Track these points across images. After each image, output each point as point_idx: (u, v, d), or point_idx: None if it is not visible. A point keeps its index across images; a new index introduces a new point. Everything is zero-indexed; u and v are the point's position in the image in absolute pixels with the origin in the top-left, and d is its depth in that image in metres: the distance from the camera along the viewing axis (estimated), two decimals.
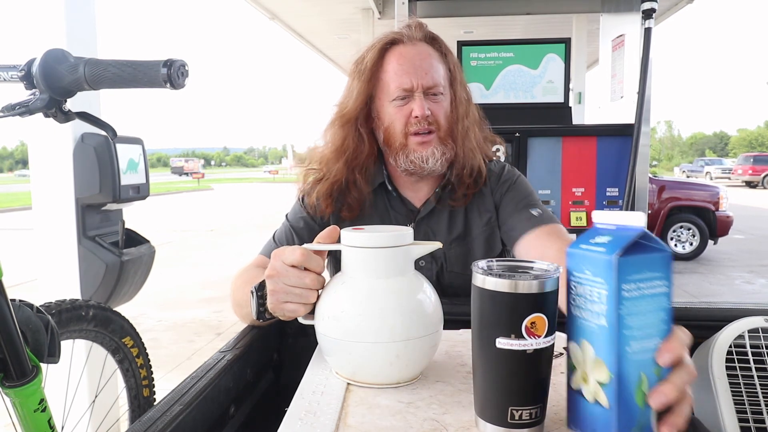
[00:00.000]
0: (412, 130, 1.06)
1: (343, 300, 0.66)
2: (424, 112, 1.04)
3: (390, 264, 0.66)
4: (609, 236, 0.49)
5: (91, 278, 1.86)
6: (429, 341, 0.66)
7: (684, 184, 7.41)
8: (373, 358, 0.64)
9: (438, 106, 1.07)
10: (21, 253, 5.64)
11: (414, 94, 1.05)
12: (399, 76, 1.05)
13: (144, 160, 2.03)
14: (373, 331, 0.63)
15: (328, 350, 0.68)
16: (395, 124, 1.07)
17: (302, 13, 6.50)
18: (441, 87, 1.07)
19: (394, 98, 1.06)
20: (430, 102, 1.06)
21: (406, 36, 1.09)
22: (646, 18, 2.32)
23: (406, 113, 1.06)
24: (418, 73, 1.04)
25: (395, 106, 1.07)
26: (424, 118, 1.05)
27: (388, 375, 0.65)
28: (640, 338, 0.47)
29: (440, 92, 1.07)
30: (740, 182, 25.22)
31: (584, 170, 2.42)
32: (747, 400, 0.74)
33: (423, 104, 1.04)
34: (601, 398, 0.48)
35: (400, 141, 1.07)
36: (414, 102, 1.05)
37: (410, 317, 0.64)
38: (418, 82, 1.04)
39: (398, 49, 1.08)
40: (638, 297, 0.47)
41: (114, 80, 0.85)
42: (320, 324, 0.68)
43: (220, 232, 10.38)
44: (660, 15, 4.97)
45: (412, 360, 0.65)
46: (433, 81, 1.05)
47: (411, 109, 1.05)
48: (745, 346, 0.77)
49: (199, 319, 4.46)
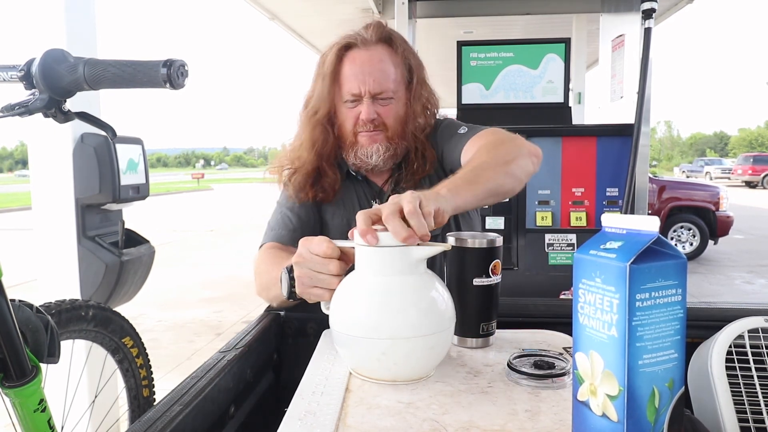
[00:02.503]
0: (359, 131, 1.14)
1: (348, 294, 0.70)
2: (370, 116, 1.11)
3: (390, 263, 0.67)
4: (620, 241, 0.47)
5: (91, 278, 1.86)
6: (444, 336, 0.67)
7: (684, 184, 7.42)
8: (366, 353, 0.66)
9: (387, 110, 1.13)
10: (21, 253, 5.64)
11: (362, 99, 1.11)
12: (349, 81, 1.12)
13: (144, 160, 2.03)
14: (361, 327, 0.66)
15: (335, 341, 0.71)
16: (346, 123, 1.15)
17: (302, 14, 6.49)
18: (390, 92, 1.12)
19: (345, 100, 1.13)
20: (379, 106, 1.12)
21: (361, 39, 1.13)
22: (646, 18, 2.32)
23: (355, 115, 1.13)
24: (366, 79, 1.10)
25: (346, 108, 1.14)
26: (370, 122, 1.12)
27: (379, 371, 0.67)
28: (653, 350, 0.45)
29: (389, 96, 1.13)
30: (740, 182, 25.21)
31: (584, 170, 2.42)
32: (747, 400, 0.74)
33: (370, 109, 1.11)
34: (610, 412, 0.46)
35: (350, 139, 1.15)
36: (362, 106, 1.12)
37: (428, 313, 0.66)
38: (366, 88, 1.10)
39: (352, 54, 1.13)
40: (651, 306, 0.44)
41: (114, 80, 0.85)
42: (331, 315, 0.71)
43: (220, 232, 10.38)
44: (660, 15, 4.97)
45: (403, 359, 0.65)
46: (380, 87, 1.11)
47: (359, 112, 1.12)
48: (745, 346, 0.77)
49: (199, 319, 4.46)
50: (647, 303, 0.44)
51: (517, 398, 0.63)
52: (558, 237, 2.41)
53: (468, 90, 2.60)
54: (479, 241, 0.78)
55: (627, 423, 0.45)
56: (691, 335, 0.89)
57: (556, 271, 2.40)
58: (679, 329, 0.46)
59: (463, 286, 0.78)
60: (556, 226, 2.42)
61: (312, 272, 0.76)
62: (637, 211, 2.40)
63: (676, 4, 4.89)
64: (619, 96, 2.86)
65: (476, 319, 0.79)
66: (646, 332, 0.44)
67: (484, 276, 0.77)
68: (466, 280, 0.78)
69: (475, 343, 0.80)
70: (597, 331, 0.47)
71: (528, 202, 2.44)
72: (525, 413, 0.59)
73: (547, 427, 0.56)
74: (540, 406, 0.60)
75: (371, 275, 0.68)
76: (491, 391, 0.65)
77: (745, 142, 73.43)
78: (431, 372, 0.70)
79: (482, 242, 0.78)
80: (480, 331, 0.79)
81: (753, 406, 0.73)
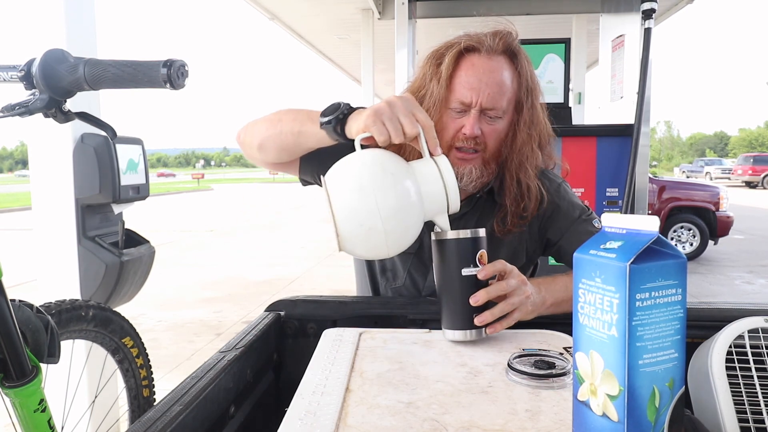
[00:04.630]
0: (457, 145, 1.03)
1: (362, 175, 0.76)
2: (474, 132, 1.01)
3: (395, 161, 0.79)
4: (620, 241, 0.47)
5: (91, 278, 1.86)
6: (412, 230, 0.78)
7: (684, 184, 7.41)
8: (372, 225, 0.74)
9: (491, 129, 1.03)
10: (21, 253, 5.64)
11: (471, 110, 1.01)
12: (462, 88, 1.01)
13: (144, 161, 2.03)
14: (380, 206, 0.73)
15: (339, 202, 0.75)
16: (445, 132, 1.03)
17: (302, 14, 6.49)
18: (500, 111, 1.02)
19: (452, 107, 1.03)
20: (485, 123, 1.02)
21: (486, 46, 1.03)
22: (646, 18, 2.32)
23: (457, 127, 1.03)
24: (481, 90, 1.00)
25: (450, 116, 1.03)
26: (472, 138, 1.01)
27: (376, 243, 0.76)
28: (653, 350, 0.45)
29: (498, 116, 1.03)
30: (740, 182, 25.21)
31: (584, 170, 2.42)
32: (747, 400, 0.73)
33: (475, 124, 1.01)
34: (610, 412, 0.46)
35: (443, 148, 1.03)
36: (468, 118, 1.01)
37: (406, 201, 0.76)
38: (478, 100, 1.00)
39: (472, 59, 1.03)
40: (652, 306, 0.44)
41: (114, 80, 0.85)
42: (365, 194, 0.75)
43: (219, 232, 10.38)
44: (660, 15, 4.97)
45: (398, 236, 0.77)
46: (492, 103, 1.01)
47: (463, 124, 1.02)
48: (745, 346, 0.77)
49: (198, 319, 4.46)
50: (647, 303, 0.44)
51: (517, 398, 0.63)
52: None
53: None
54: (462, 232, 0.80)
55: (627, 423, 0.45)
56: (691, 335, 0.88)
57: (556, 271, 2.40)
58: (679, 329, 0.46)
59: (450, 278, 0.80)
60: None
61: (392, 114, 0.79)
62: (637, 211, 2.40)
63: (676, 4, 4.89)
64: (619, 96, 2.86)
65: (467, 310, 0.80)
66: (646, 332, 0.44)
67: (471, 266, 0.79)
68: (453, 271, 0.80)
69: (464, 336, 0.80)
70: (597, 331, 0.47)
71: None
72: (525, 413, 0.59)
73: (547, 427, 0.56)
74: (540, 406, 0.60)
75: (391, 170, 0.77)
76: (491, 391, 0.65)
77: (745, 143, 73.41)
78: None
79: (461, 233, 0.80)
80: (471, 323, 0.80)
81: (753, 406, 0.73)
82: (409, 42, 2.98)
